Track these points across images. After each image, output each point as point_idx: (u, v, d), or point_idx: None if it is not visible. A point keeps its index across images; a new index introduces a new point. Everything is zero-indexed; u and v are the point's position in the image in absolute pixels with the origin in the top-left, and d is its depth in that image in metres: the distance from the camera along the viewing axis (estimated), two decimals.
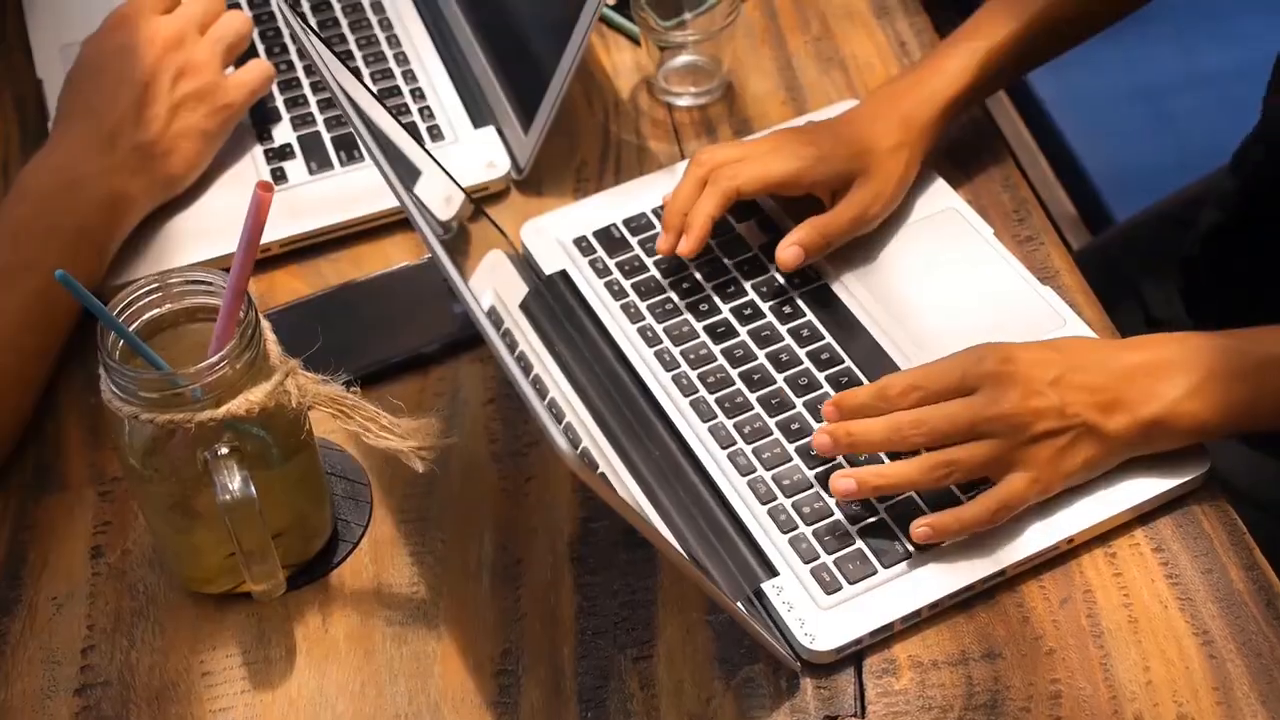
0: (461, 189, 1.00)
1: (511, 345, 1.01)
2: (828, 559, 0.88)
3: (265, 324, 0.85)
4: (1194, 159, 1.44)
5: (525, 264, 1.06)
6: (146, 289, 0.84)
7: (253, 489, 0.81)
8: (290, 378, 0.84)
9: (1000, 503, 0.87)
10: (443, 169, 0.99)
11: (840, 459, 0.92)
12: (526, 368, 1.00)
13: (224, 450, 0.82)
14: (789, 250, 0.99)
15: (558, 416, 0.97)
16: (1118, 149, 1.63)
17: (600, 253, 1.05)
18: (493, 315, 1.02)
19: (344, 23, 1.22)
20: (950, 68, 1.04)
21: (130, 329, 0.83)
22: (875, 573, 0.88)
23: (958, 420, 0.88)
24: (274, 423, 0.84)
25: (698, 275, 1.03)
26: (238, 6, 1.24)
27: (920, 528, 0.87)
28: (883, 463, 0.91)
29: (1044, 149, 1.71)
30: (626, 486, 0.93)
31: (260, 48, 1.21)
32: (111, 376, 0.81)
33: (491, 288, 1.03)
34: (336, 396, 0.85)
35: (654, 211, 1.08)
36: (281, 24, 1.22)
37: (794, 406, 0.96)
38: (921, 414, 0.88)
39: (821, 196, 1.02)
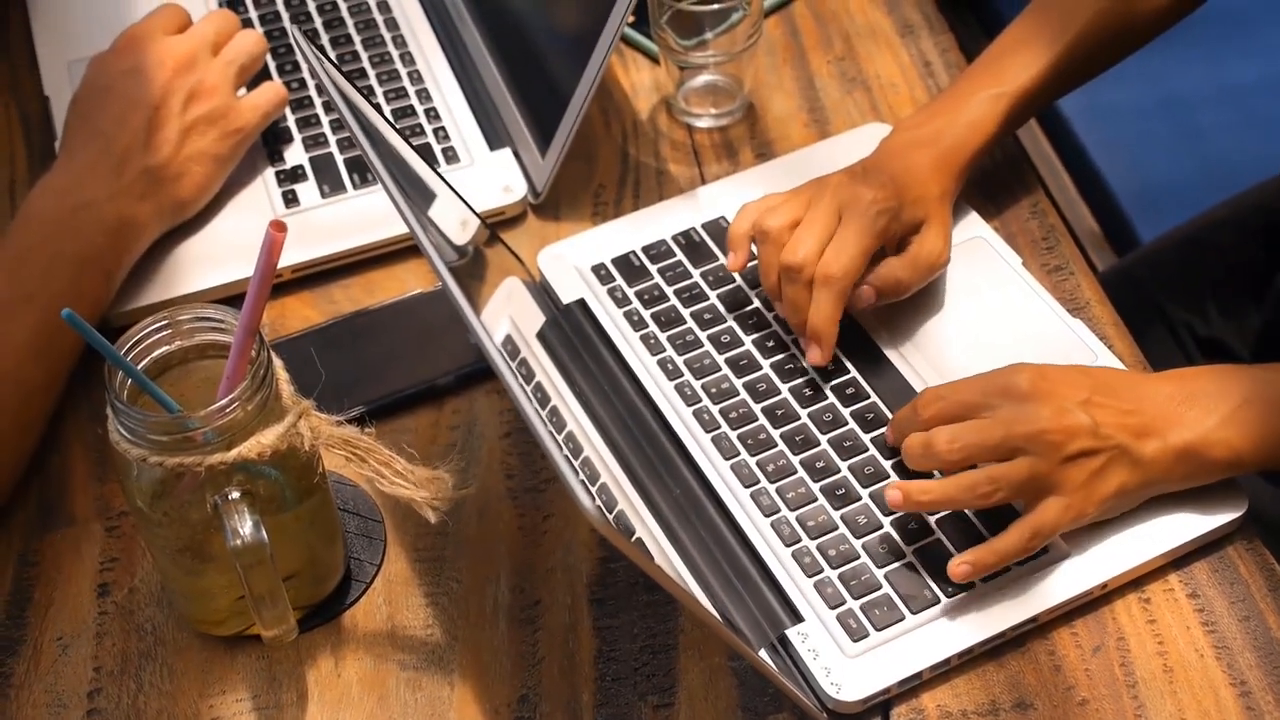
0: (476, 214, 0.98)
1: (528, 376, 0.99)
2: (854, 604, 0.86)
3: (278, 363, 0.82)
4: (1221, 174, 1.42)
5: (542, 292, 1.04)
6: (155, 326, 0.82)
7: (264, 533, 0.79)
8: (303, 419, 0.81)
9: (1034, 530, 0.85)
10: (456, 194, 0.96)
11: (867, 498, 0.90)
12: (543, 399, 0.98)
13: (235, 494, 0.79)
14: (862, 289, 0.95)
15: (575, 451, 0.95)
16: (1142, 163, 1.60)
17: (619, 281, 1.03)
18: (508, 344, 1.00)
19: (357, 40, 1.20)
20: (974, 118, 1.00)
21: (138, 367, 0.81)
22: (903, 619, 0.86)
23: (989, 435, 0.85)
24: (287, 464, 0.82)
25: (720, 306, 1.01)
26: (250, 26, 1.21)
27: (960, 566, 0.85)
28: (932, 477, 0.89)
29: (1066, 162, 1.68)
30: (646, 524, 0.91)
31: (272, 66, 1.18)
32: (119, 418, 0.79)
33: (508, 316, 1.01)
34: (350, 439, 0.83)
35: (673, 239, 1.05)
36: (293, 41, 1.20)
37: (819, 444, 0.93)
38: (955, 430, 0.86)
39: (888, 245, 0.98)
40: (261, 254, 0.77)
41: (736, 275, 1.02)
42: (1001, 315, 1.00)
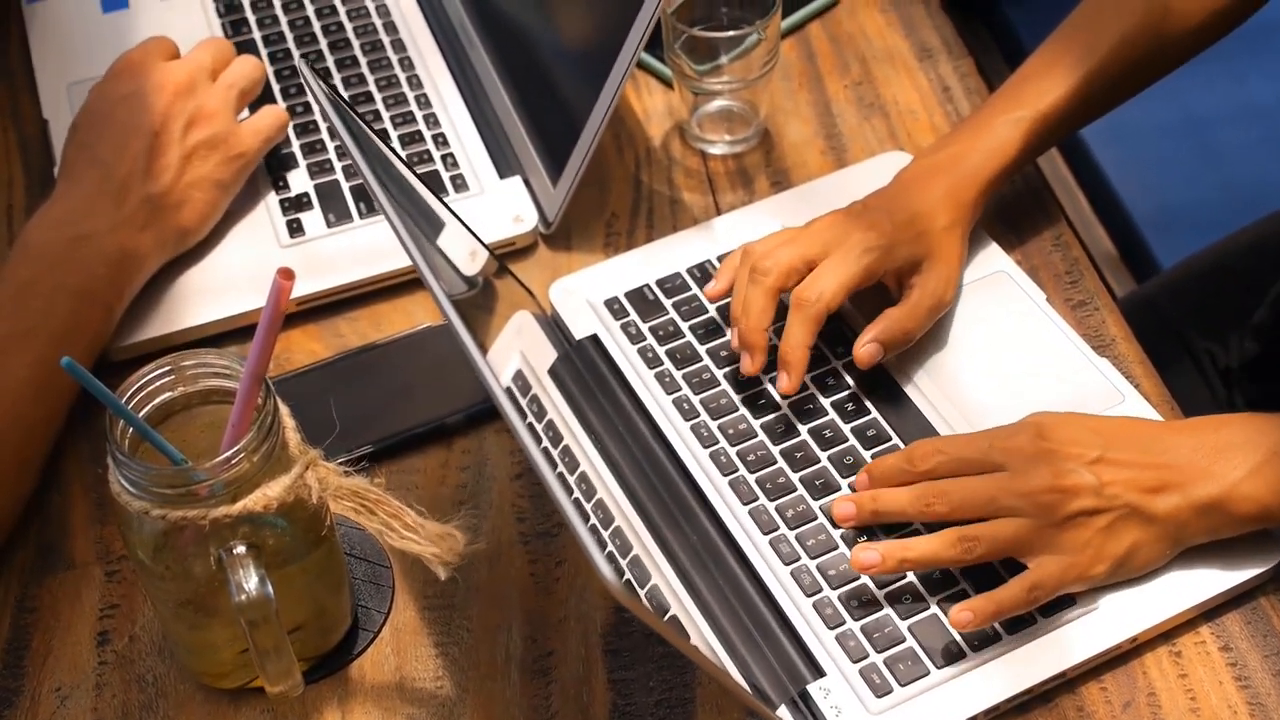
0: (485, 245, 0.95)
1: (539, 413, 0.96)
2: (877, 658, 0.84)
3: (284, 410, 0.80)
4: (1241, 196, 1.39)
5: (554, 326, 1.01)
6: (158, 373, 0.79)
7: (269, 588, 0.76)
8: (311, 469, 0.79)
9: (1032, 584, 0.83)
10: (465, 224, 0.94)
11: None
12: (555, 438, 0.95)
13: (240, 548, 0.77)
14: (866, 348, 0.93)
15: (588, 494, 0.92)
16: (1160, 184, 1.57)
17: (633, 316, 1.00)
18: (519, 380, 0.98)
19: (363, 62, 1.17)
20: (994, 142, 0.98)
21: (140, 414, 0.78)
22: (928, 674, 0.83)
23: (980, 494, 0.84)
24: (294, 515, 0.79)
25: None
26: (254, 48, 1.19)
27: (961, 613, 0.83)
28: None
29: (1081, 183, 1.65)
30: (662, 571, 0.88)
31: (276, 89, 1.15)
32: (121, 470, 0.76)
33: (518, 351, 0.98)
34: (360, 490, 0.80)
35: (688, 271, 1.03)
36: (297, 68, 1.17)
37: (839, 489, 0.91)
38: (946, 485, 0.85)
39: (887, 283, 0.96)
40: (268, 302, 0.75)
41: None
42: (1027, 354, 0.97)
